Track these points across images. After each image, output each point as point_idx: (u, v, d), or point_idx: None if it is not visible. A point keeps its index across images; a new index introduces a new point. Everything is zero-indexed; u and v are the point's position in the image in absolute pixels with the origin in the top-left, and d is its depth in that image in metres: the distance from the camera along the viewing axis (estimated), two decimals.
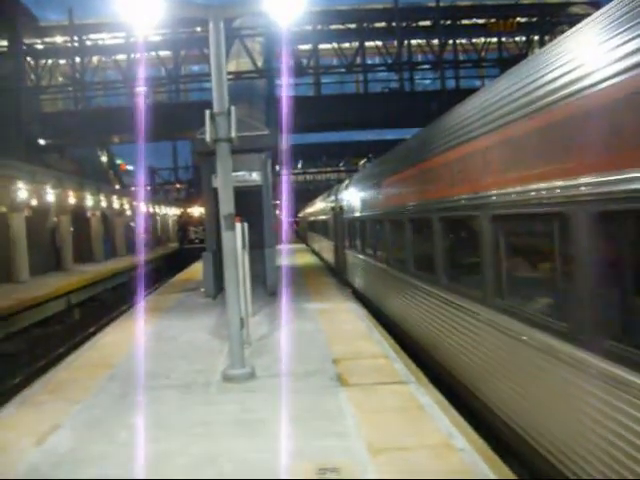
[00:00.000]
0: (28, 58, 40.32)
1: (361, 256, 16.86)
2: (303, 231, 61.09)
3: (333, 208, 24.05)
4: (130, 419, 7.07)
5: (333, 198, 24.35)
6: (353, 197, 18.17)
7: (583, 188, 4.61)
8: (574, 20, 32.89)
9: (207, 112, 8.47)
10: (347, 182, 20.80)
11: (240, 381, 8.43)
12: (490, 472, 5.19)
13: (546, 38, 39.08)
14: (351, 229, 18.95)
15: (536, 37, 40.39)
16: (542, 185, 5.28)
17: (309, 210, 48.84)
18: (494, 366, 6.70)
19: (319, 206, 35.49)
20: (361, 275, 17.40)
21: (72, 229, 30.81)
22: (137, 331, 12.83)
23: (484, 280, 6.87)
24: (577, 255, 4.78)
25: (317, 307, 14.83)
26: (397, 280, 12.09)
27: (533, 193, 5.48)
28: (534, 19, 40.25)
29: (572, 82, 4.79)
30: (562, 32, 35.13)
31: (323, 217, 31.14)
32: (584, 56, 4.70)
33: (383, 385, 7.94)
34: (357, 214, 17.28)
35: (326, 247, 29.78)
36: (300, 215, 66.00)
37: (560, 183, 4.96)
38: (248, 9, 10.93)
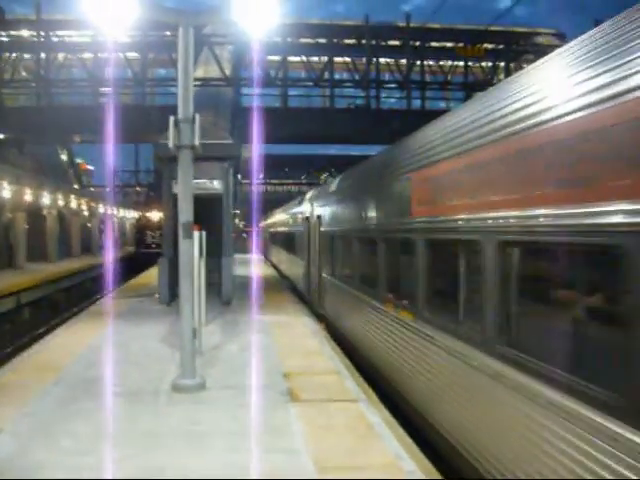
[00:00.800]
0: None
1: (355, 291, 11.76)
2: (263, 243, 56.84)
3: (307, 219, 19.20)
4: (75, 426, 6.93)
5: (307, 206, 19.51)
6: (344, 205, 13.48)
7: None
8: (539, 50, 33.56)
9: (171, 118, 8.40)
10: (332, 185, 15.73)
11: (190, 392, 8.33)
12: None
13: (511, 65, 39.74)
14: (336, 248, 13.97)
15: (502, 63, 41.02)
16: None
17: (271, 220, 45.33)
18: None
19: (284, 215, 32.31)
20: (351, 317, 12.23)
21: (27, 227, 30.25)
22: (88, 335, 12.62)
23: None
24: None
25: (271, 320, 14.78)
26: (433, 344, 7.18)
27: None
28: (501, 46, 40.87)
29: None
30: (527, 60, 35.87)
31: (290, 229, 27.17)
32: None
33: (333, 402, 7.92)
34: (350, 228, 12.40)
35: (291, 265, 25.68)
36: (261, 225, 62.93)
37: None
38: (219, 18, 10.87)
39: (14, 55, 41.21)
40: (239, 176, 38.33)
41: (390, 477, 5.57)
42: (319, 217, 16.62)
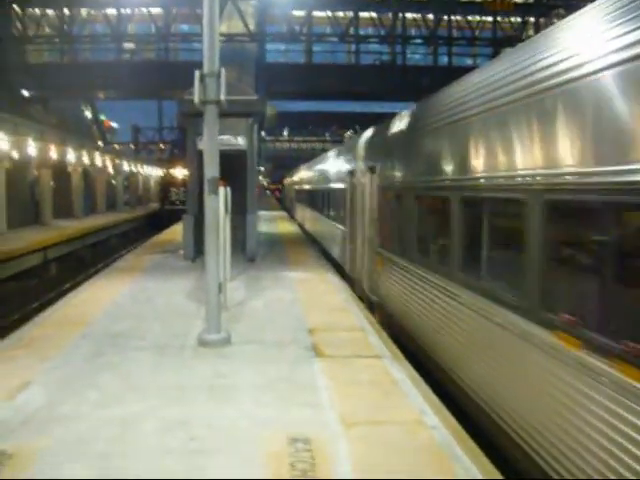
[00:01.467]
0: (14, 5, 39.39)
1: (450, 284, 7.65)
2: (289, 202, 51.39)
3: (351, 173, 15.35)
4: (102, 379, 7.01)
5: (351, 156, 15.74)
6: (431, 146, 9.02)
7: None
8: (570, 4, 32.72)
9: (197, 73, 8.31)
10: (401, 121, 10.90)
11: (215, 346, 8.39)
12: (461, 451, 5.20)
13: (541, 20, 38.89)
14: (407, 213, 9.86)
15: (532, 19, 40.17)
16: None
17: (298, 176, 40.81)
18: None
19: (314, 171, 28.15)
20: (435, 320, 8.28)
21: (52, 184, 30.44)
22: (114, 290, 12.74)
23: None
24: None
25: (296, 276, 14.80)
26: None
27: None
28: (531, 0, 39.99)
29: None
30: (558, 15, 35.01)
31: (322, 187, 22.96)
32: None
33: (358, 358, 7.94)
34: (445, 180, 8.17)
35: (324, 230, 22.02)
36: (286, 182, 59.96)
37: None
38: None
39: (37, 11, 41.06)
40: (263, 133, 38.14)
41: (414, 432, 5.59)
42: (373, 169, 12.41)
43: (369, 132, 14.11)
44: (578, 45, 4.80)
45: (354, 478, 4.72)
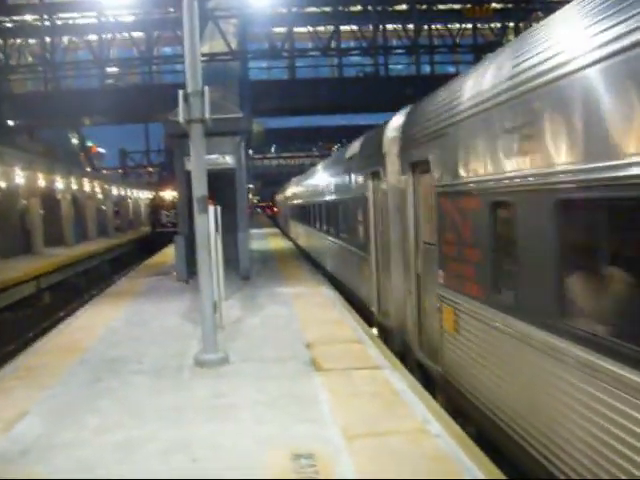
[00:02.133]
0: None
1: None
2: (283, 221, 47.13)
3: (375, 174, 11.30)
4: (101, 405, 6.95)
5: (376, 150, 11.05)
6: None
7: None
8: (549, 7, 32.95)
9: (180, 92, 8.32)
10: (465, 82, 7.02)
11: (213, 366, 8.33)
12: (466, 458, 5.16)
13: (521, 25, 39.13)
14: (511, 235, 5.60)
15: (511, 24, 40.42)
16: None
17: (292, 190, 35.35)
18: None
19: (315, 180, 22.42)
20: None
21: (42, 212, 30.35)
22: (108, 315, 12.67)
23: None
24: None
25: (290, 291, 14.77)
26: None
27: None
28: (509, 5, 40.24)
29: None
30: (537, 19, 35.28)
31: (334, 197, 17.16)
32: None
33: (357, 370, 7.90)
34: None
35: (333, 254, 17.60)
36: (279, 198, 55.38)
37: None
38: None
39: (19, 41, 41.08)
40: (250, 151, 38.19)
41: (418, 441, 5.54)
42: (420, 166, 8.57)
43: (401, 116, 9.84)
44: None
45: (359, 478, 4.69)
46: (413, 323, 9.07)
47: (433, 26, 40.36)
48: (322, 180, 20.45)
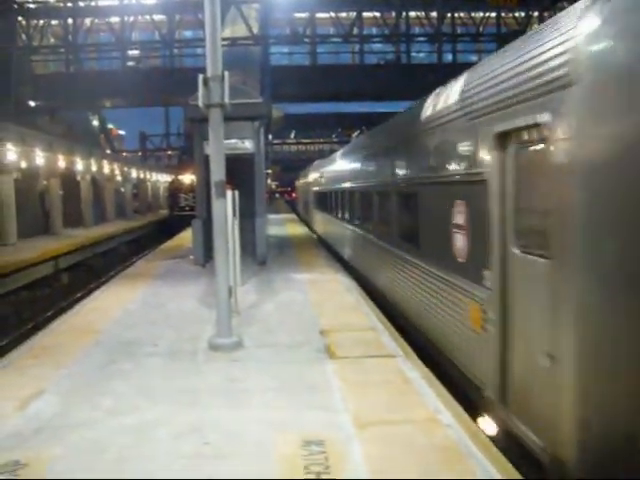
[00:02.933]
0: (19, 17, 39.59)
1: None
2: (304, 209, 41.70)
3: (506, 135, 6.01)
4: (115, 386, 7.00)
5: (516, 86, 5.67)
6: None
7: None
8: None
9: (200, 77, 8.31)
10: None
11: (227, 350, 8.37)
12: (476, 449, 5.15)
13: (545, 14, 38.71)
14: None
15: (535, 13, 40.02)
16: None
17: (326, 170, 25.98)
18: None
19: (373, 150, 14.46)
20: None
21: (61, 193, 30.57)
22: (124, 297, 12.74)
23: None
24: None
25: (306, 277, 14.77)
26: None
27: None
28: None
29: None
30: (561, 9, 34.90)
31: (405, 183, 10.80)
32: None
33: (370, 358, 7.89)
34: None
35: (406, 284, 10.43)
36: (300, 183, 48.73)
37: None
38: None
39: (42, 22, 41.24)
40: (270, 136, 38.14)
41: (429, 430, 5.54)
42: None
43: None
44: None
45: (367, 478, 4.69)
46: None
47: (456, 14, 40.00)
48: (376, 154, 14.00)
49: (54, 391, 6.85)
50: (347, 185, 18.41)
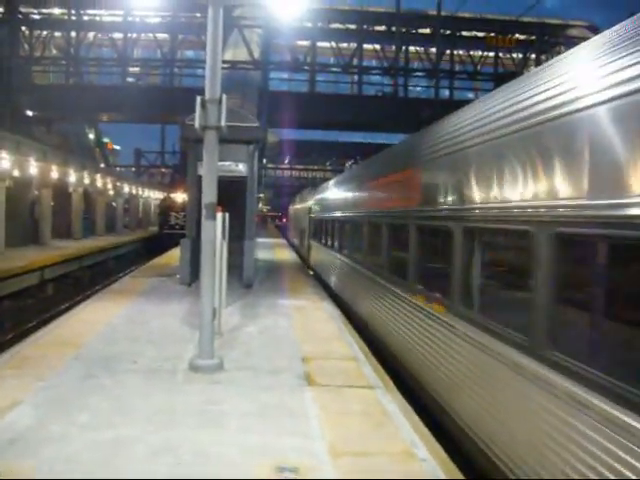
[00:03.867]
0: (23, 27, 39.82)
1: None
2: (298, 237, 35.59)
3: None
4: (93, 401, 6.98)
5: None
6: None
7: None
8: (571, 42, 33.12)
9: (198, 98, 8.39)
10: None
11: (207, 372, 8.36)
12: None
13: (542, 57, 39.32)
14: None
15: (533, 55, 40.65)
16: None
17: (324, 195, 22.70)
18: None
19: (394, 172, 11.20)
20: None
21: (52, 204, 30.53)
22: (109, 312, 12.71)
23: None
24: None
25: (291, 303, 14.79)
26: None
27: None
28: (532, 37, 40.44)
29: None
30: (559, 52, 35.47)
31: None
32: None
33: (350, 388, 7.91)
34: None
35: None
36: (295, 208, 42.68)
37: None
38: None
39: (45, 33, 41.49)
40: (264, 160, 38.30)
41: (403, 464, 5.55)
42: None
43: None
44: None
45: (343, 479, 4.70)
46: None
47: (455, 51, 40.57)
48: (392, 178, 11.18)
49: (31, 403, 6.82)
50: (351, 213, 15.19)
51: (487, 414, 6.00)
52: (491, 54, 40.49)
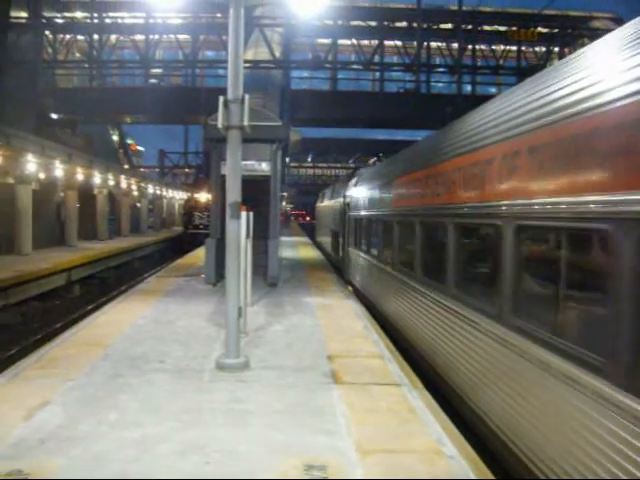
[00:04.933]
0: (47, 32, 40.24)
1: None
2: (330, 240, 29.70)
3: None
4: (120, 401, 7.03)
5: None
6: None
7: None
8: (595, 34, 32.73)
9: (221, 98, 8.41)
10: None
11: (234, 371, 8.38)
12: None
13: (566, 50, 38.91)
14: None
15: (556, 48, 40.25)
16: None
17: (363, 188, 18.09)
18: None
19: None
20: None
21: (78, 205, 30.83)
22: (134, 312, 12.79)
23: None
24: None
25: (316, 301, 14.77)
26: None
27: None
28: (555, 30, 40.05)
29: None
30: (582, 45, 35.12)
31: None
32: None
33: (376, 385, 7.88)
34: None
35: None
36: (322, 205, 38.79)
37: None
38: None
39: (68, 37, 41.89)
40: (287, 159, 38.34)
41: (431, 461, 5.53)
42: None
43: None
44: None
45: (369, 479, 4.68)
46: None
47: (477, 46, 40.29)
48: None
49: (60, 402, 6.88)
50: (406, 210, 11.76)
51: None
52: (514, 48, 40.14)
